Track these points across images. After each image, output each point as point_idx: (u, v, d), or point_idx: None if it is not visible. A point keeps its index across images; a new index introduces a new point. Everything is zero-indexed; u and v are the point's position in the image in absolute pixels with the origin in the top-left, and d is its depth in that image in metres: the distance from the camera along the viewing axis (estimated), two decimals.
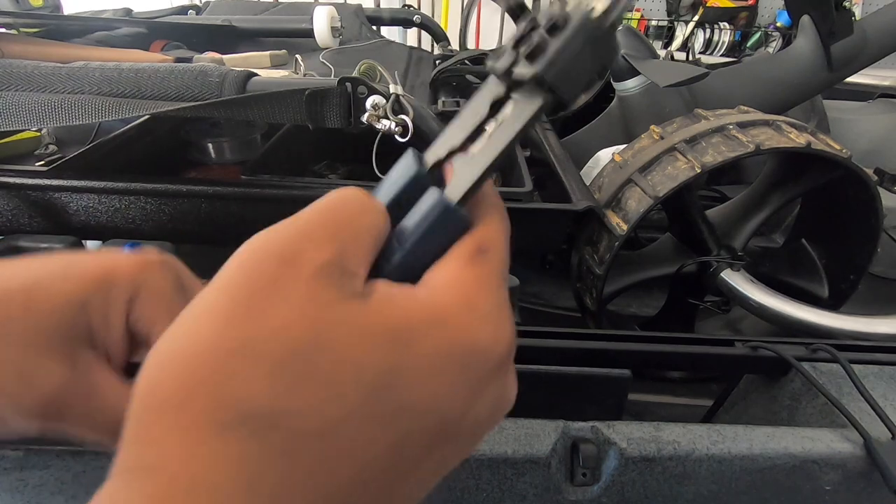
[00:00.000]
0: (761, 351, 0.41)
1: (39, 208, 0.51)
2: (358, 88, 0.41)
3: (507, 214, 0.19)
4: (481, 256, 0.17)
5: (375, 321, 0.14)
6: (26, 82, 0.42)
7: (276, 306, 0.14)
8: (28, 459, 0.29)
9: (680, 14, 2.48)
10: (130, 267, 0.20)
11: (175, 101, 0.44)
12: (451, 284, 0.16)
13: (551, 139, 0.75)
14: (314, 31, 0.92)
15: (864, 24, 0.80)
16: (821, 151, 0.51)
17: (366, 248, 0.16)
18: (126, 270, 0.20)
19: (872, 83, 1.25)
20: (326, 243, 0.15)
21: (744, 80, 0.83)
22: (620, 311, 0.74)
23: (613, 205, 0.56)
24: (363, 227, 0.16)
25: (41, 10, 0.94)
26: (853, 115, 1.00)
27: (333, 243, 0.15)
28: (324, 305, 0.14)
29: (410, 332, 0.15)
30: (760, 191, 0.66)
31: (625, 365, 0.43)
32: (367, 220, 0.16)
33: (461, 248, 0.17)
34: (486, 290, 0.16)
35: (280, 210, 0.60)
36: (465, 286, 0.16)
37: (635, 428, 0.34)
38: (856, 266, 0.63)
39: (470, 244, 0.17)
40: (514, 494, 0.32)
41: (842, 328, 0.52)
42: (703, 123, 0.57)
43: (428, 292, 0.16)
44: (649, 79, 0.78)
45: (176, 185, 0.50)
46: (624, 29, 0.83)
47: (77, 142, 0.63)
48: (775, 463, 0.33)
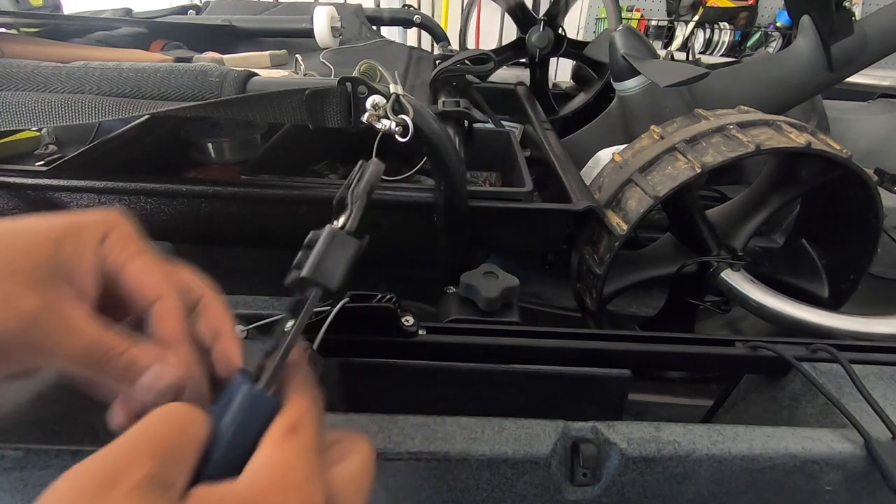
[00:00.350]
0: (761, 351, 0.41)
1: (39, 208, 0.51)
2: (358, 88, 0.41)
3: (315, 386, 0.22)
4: (293, 435, 0.19)
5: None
6: (26, 82, 0.42)
7: None
8: (28, 459, 0.29)
9: (680, 14, 2.48)
10: (99, 214, 0.23)
11: (175, 101, 0.44)
12: (265, 466, 0.18)
13: (551, 139, 0.75)
14: (314, 31, 0.92)
15: (864, 24, 0.79)
16: (821, 151, 0.51)
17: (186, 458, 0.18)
18: (95, 217, 0.22)
19: (872, 83, 1.25)
20: (145, 460, 0.16)
21: (744, 80, 0.83)
22: (620, 311, 0.74)
23: (613, 205, 0.56)
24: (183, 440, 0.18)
25: (41, 10, 0.94)
26: (853, 115, 1.00)
27: (152, 459, 0.16)
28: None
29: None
30: (760, 191, 0.66)
31: (625, 365, 0.43)
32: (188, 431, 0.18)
33: (273, 431, 0.19)
34: (298, 464, 0.19)
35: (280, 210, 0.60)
36: (278, 466, 0.18)
37: (635, 428, 0.34)
38: (856, 266, 0.63)
39: (281, 425, 0.19)
40: (514, 494, 0.32)
41: (842, 328, 0.52)
42: (703, 123, 0.57)
43: (246, 480, 0.18)
44: (649, 79, 0.78)
45: (176, 185, 0.50)
46: (624, 29, 0.83)
47: (77, 142, 0.63)
48: (775, 463, 0.33)
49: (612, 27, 0.93)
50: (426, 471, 0.31)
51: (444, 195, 0.49)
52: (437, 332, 0.40)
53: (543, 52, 1.06)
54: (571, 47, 1.08)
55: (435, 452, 0.31)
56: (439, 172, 0.48)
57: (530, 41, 1.06)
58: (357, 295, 0.38)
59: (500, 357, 0.41)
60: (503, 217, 0.53)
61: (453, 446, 0.31)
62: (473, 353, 0.40)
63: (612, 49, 0.82)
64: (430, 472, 0.31)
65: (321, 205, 0.51)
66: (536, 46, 1.06)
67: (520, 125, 0.91)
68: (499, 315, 0.45)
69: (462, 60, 0.79)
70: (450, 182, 0.48)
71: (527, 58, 1.09)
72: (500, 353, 0.40)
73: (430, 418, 0.33)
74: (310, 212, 0.52)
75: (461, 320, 0.44)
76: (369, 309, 0.38)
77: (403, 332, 0.39)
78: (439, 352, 0.40)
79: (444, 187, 0.49)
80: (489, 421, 0.33)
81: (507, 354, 0.41)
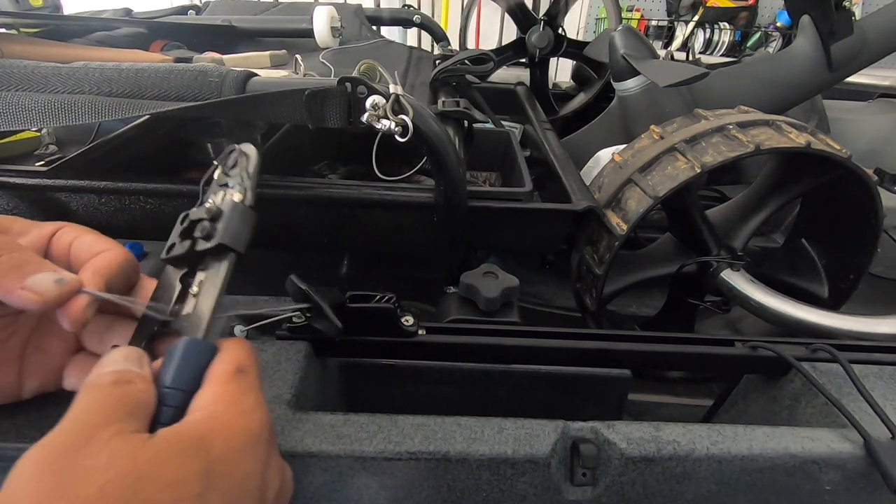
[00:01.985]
0: (761, 351, 0.41)
1: (39, 208, 0.51)
2: (358, 88, 0.41)
3: (252, 347, 0.25)
4: (240, 374, 0.23)
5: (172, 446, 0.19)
6: (26, 82, 0.42)
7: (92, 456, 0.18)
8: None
9: (680, 14, 2.48)
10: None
11: (175, 101, 0.44)
12: (217, 397, 0.22)
13: (551, 139, 0.75)
14: (314, 31, 0.92)
15: (864, 24, 0.79)
16: (821, 151, 0.51)
17: (141, 409, 0.21)
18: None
19: (872, 83, 1.25)
20: (110, 414, 0.20)
21: (744, 80, 0.83)
22: (620, 311, 0.74)
23: (613, 205, 0.56)
24: (134, 392, 0.21)
25: (41, 10, 0.94)
26: (853, 115, 1.00)
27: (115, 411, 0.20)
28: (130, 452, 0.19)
29: (203, 441, 0.20)
30: (760, 191, 0.66)
31: (625, 365, 0.43)
32: (137, 385, 0.21)
33: (220, 373, 0.23)
34: (248, 393, 0.22)
35: (280, 210, 0.60)
36: (228, 396, 0.22)
37: (635, 428, 0.34)
38: (856, 266, 0.63)
39: (226, 368, 0.23)
40: (514, 494, 0.32)
41: (842, 328, 0.52)
42: (703, 123, 0.57)
43: (198, 408, 0.21)
44: (649, 79, 0.78)
45: (176, 185, 0.50)
46: (624, 29, 0.83)
47: (77, 142, 0.63)
48: (775, 463, 0.33)
49: (612, 27, 0.93)
50: (426, 471, 0.31)
51: (444, 195, 0.49)
52: (437, 332, 0.40)
53: (543, 52, 1.07)
54: (571, 47, 1.08)
55: (435, 452, 0.31)
56: (439, 172, 0.48)
57: (530, 41, 1.06)
58: (357, 295, 0.38)
59: (500, 357, 0.41)
60: (503, 217, 0.53)
61: (453, 446, 0.31)
62: (473, 353, 0.40)
63: (612, 49, 0.82)
64: (429, 472, 0.31)
65: (321, 205, 0.51)
66: (536, 46, 1.06)
67: (520, 125, 0.90)
68: (499, 315, 0.45)
69: (462, 60, 0.79)
70: (450, 182, 0.48)
71: (527, 58, 1.09)
72: (500, 353, 0.40)
73: (430, 418, 0.33)
74: (310, 212, 0.52)
75: (461, 320, 0.44)
76: (369, 309, 0.38)
77: (403, 332, 0.39)
78: (439, 352, 0.40)
79: (444, 187, 0.49)
80: (489, 421, 0.33)
81: (507, 354, 0.41)
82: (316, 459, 0.31)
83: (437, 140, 0.46)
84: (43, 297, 0.23)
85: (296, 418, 0.33)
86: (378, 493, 0.32)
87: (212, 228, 0.25)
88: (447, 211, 0.50)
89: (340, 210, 0.52)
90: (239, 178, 0.27)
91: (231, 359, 0.23)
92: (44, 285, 0.23)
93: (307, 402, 0.36)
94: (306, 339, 0.39)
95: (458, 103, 0.62)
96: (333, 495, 0.31)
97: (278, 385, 0.35)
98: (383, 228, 0.54)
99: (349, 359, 0.43)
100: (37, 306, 0.23)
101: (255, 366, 0.24)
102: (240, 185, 0.27)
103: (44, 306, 0.23)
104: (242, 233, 0.25)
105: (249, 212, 0.26)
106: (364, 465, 0.31)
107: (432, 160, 0.48)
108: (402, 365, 0.42)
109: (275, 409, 0.33)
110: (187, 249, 0.25)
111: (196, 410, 0.22)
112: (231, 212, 0.25)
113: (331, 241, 0.55)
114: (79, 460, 0.18)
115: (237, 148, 0.29)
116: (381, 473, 0.31)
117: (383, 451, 0.31)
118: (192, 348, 0.23)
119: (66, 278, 0.24)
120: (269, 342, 0.38)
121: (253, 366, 0.24)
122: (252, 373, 0.23)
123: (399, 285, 0.42)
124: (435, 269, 0.64)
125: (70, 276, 0.24)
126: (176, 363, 0.22)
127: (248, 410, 0.22)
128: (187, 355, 0.23)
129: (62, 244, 0.27)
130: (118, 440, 0.19)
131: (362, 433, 0.32)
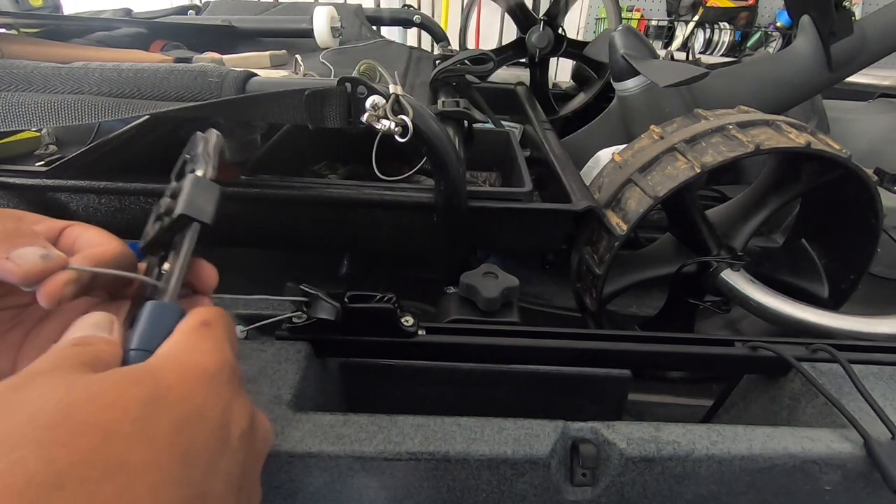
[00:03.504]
0: (761, 351, 0.41)
1: (39, 208, 0.51)
2: (357, 88, 0.41)
3: (221, 309, 0.25)
4: (206, 327, 0.23)
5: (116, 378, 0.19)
6: (26, 82, 0.42)
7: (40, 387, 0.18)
8: None
9: (680, 14, 2.48)
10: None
11: (175, 102, 0.44)
12: (174, 344, 0.22)
13: (551, 139, 0.75)
14: (314, 31, 0.92)
15: (864, 24, 0.79)
16: (821, 151, 0.51)
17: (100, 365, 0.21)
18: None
19: (872, 83, 1.25)
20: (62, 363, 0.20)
21: (744, 80, 0.83)
22: (620, 311, 0.74)
23: (613, 205, 0.56)
24: (89, 352, 0.21)
25: (41, 10, 0.94)
26: (853, 115, 1.00)
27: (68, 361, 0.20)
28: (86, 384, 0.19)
29: (150, 372, 0.20)
30: (760, 191, 0.66)
31: (625, 365, 0.43)
32: (91, 348, 0.21)
33: (183, 327, 0.23)
34: (208, 340, 0.22)
35: (279, 210, 0.60)
36: (186, 341, 0.22)
37: (635, 428, 0.34)
38: (856, 266, 0.63)
39: (192, 321, 0.23)
40: (513, 494, 0.32)
41: (842, 328, 0.52)
42: (703, 123, 0.57)
43: (162, 354, 0.22)
44: (649, 79, 0.78)
45: None
46: (624, 29, 0.83)
47: (77, 142, 0.63)
48: (775, 463, 0.33)
49: (611, 27, 0.93)
50: (426, 471, 0.31)
51: (444, 195, 0.49)
52: (437, 332, 0.40)
53: (543, 52, 1.07)
54: (571, 47, 1.08)
55: (434, 453, 0.31)
56: (439, 172, 0.48)
57: (530, 41, 1.06)
58: (357, 295, 0.38)
59: (500, 357, 0.41)
60: (503, 217, 0.53)
61: (453, 446, 0.31)
62: (473, 353, 0.40)
63: (611, 49, 0.82)
64: (429, 472, 0.31)
65: (321, 205, 0.51)
66: (536, 46, 1.06)
67: (520, 125, 0.91)
68: (499, 315, 0.45)
69: (462, 60, 0.79)
70: (450, 182, 0.48)
71: (527, 58, 1.09)
72: (500, 353, 0.40)
73: (430, 418, 0.33)
74: (310, 212, 0.52)
75: (461, 320, 0.44)
76: (369, 309, 0.38)
77: (403, 332, 0.39)
78: (439, 352, 0.40)
79: (443, 187, 0.49)
80: (489, 421, 0.33)
81: (507, 354, 0.41)
82: (316, 460, 0.31)
83: (437, 140, 0.46)
84: (22, 270, 0.22)
85: (296, 418, 0.33)
86: (378, 493, 0.32)
87: (173, 203, 0.26)
88: (447, 211, 0.50)
89: (340, 210, 0.52)
90: (200, 157, 0.28)
91: (197, 315, 0.23)
92: (28, 258, 0.23)
93: (307, 402, 0.36)
94: (306, 339, 0.39)
95: (458, 103, 0.62)
96: (333, 495, 0.31)
97: (278, 385, 0.35)
98: (383, 228, 0.54)
99: (349, 359, 0.43)
100: (16, 278, 0.22)
101: (221, 322, 0.24)
102: (201, 162, 0.28)
103: (24, 279, 0.23)
104: (203, 203, 0.26)
105: (211, 184, 0.27)
106: (364, 466, 0.31)
107: (432, 160, 0.48)
108: (402, 365, 0.42)
109: (275, 410, 0.33)
110: (157, 231, 0.26)
111: (153, 358, 0.22)
112: (189, 184, 0.26)
113: (331, 241, 0.55)
114: (14, 396, 0.18)
115: (198, 134, 0.30)
116: (381, 474, 0.31)
117: (383, 452, 0.31)
118: (157, 311, 0.23)
119: (53, 255, 0.23)
120: (269, 342, 0.38)
121: (219, 322, 0.24)
122: (217, 327, 0.23)
123: (399, 285, 0.42)
124: (435, 269, 0.64)
125: (57, 253, 0.24)
126: (141, 326, 0.23)
127: (205, 351, 0.22)
128: (152, 317, 0.23)
129: (69, 240, 0.27)
130: (59, 377, 0.19)
131: (362, 433, 0.32)
